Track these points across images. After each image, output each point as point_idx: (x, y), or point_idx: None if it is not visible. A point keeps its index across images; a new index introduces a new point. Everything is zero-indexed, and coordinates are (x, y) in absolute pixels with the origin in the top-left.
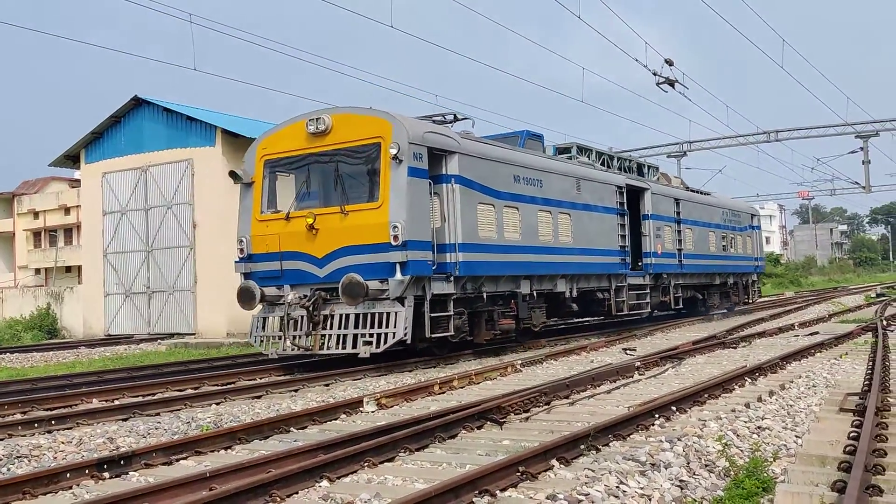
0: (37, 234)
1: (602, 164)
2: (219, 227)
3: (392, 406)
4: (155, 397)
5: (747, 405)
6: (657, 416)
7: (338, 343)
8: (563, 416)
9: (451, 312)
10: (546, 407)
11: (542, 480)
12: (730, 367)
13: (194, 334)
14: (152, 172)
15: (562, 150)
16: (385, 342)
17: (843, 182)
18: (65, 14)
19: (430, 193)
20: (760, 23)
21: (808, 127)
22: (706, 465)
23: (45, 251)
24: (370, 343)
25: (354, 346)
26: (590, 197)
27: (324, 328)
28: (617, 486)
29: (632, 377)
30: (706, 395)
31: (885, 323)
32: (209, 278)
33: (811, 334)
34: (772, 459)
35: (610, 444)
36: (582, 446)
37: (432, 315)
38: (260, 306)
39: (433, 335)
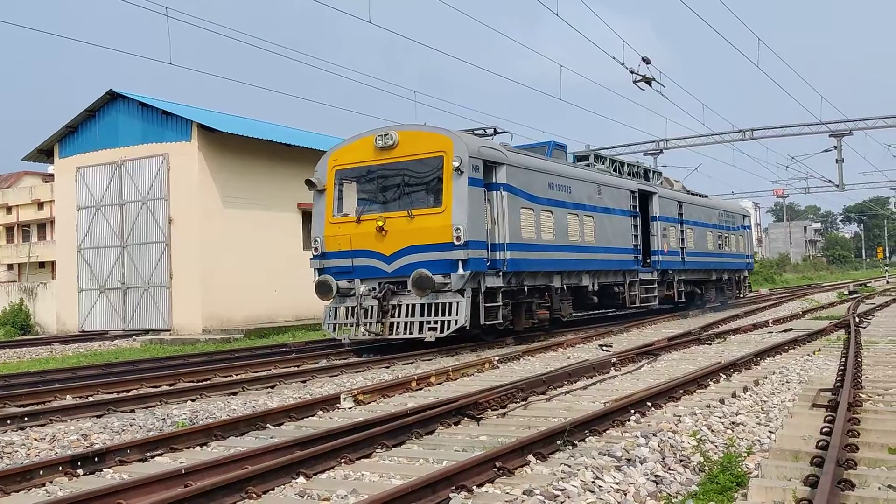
0: (9, 229)
1: (615, 170)
2: (195, 223)
3: (369, 403)
4: (130, 394)
5: (722, 401)
6: (633, 411)
7: (405, 329)
8: (540, 412)
9: (500, 303)
10: (523, 403)
11: (519, 476)
12: (704, 364)
13: (170, 331)
14: (127, 167)
15: (580, 158)
16: (448, 328)
17: (816, 180)
18: (39, 7)
19: (484, 199)
20: (737, 22)
21: (783, 126)
22: (681, 461)
23: (17, 246)
24: (434, 329)
25: (420, 332)
26: (609, 201)
27: (392, 316)
28: (593, 482)
29: (608, 373)
30: (681, 391)
31: (857, 320)
32: (185, 274)
33: (785, 331)
34: (746, 454)
35: (586, 439)
36: (558, 442)
37: (486, 305)
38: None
39: (486, 323)
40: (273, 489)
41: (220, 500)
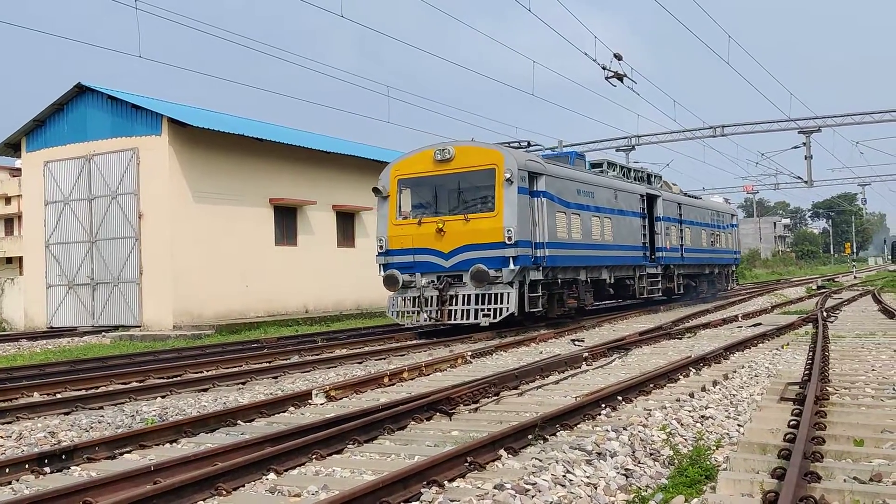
0: None
1: (625, 175)
2: (165, 218)
3: (341, 398)
4: (98, 390)
5: (691, 395)
6: (604, 405)
7: (462, 316)
8: (512, 407)
9: (540, 294)
10: (495, 398)
11: (490, 470)
12: (675, 358)
13: (140, 327)
14: (96, 161)
15: (594, 165)
16: (500, 315)
17: (786, 177)
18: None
19: (528, 205)
20: (707, 19)
21: (753, 122)
22: (651, 454)
23: None
24: (488, 315)
25: (475, 318)
26: (623, 204)
27: (450, 305)
28: (563, 475)
29: (580, 367)
30: (651, 385)
31: (825, 314)
32: (155, 270)
33: (754, 325)
34: (715, 448)
35: (557, 433)
36: (530, 436)
37: (529, 295)
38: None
39: (529, 310)
40: (243, 486)
41: (190, 498)
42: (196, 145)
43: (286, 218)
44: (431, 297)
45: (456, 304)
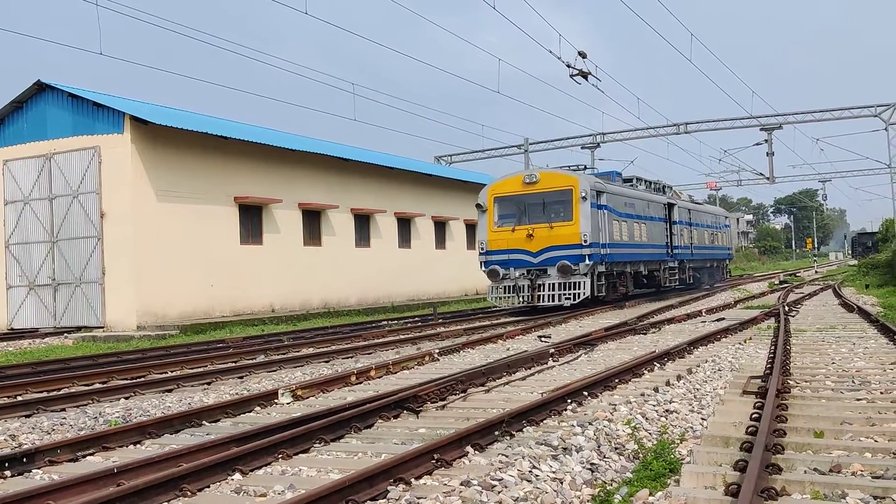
0: None
1: (648, 188)
2: (128, 217)
3: (308, 397)
4: (61, 392)
5: (656, 389)
6: (570, 401)
7: (549, 300)
8: (479, 404)
9: (604, 283)
10: (462, 395)
11: (457, 467)
12: (640, 353)
13: (103, 327)
14: (57, 160)
15: (626, 180)
16: (579, 298)
17: (748, 173)
18: None
19: (596, 216)
20: (670, 17)
21: (716, 119)
22: (616, 448)
23: None
24: (570, 298)
25: (560, 301)
26: (653, 212)
27: (539, 291)
28: (530, 471)
29: (546, 364)
30: (617, 380)
31: (786, 308)
32: (118, 270)
33: (717, 320)
34: (679, 441)
35: (524, 429)
36: (496, 433)
37: (597, 283)
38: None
39: (596, 295)
40: (208, 486)
41: (154, 499)
42: (159, 143)
43: (251, 216)
44: (524, 285)
45: (543, 291)
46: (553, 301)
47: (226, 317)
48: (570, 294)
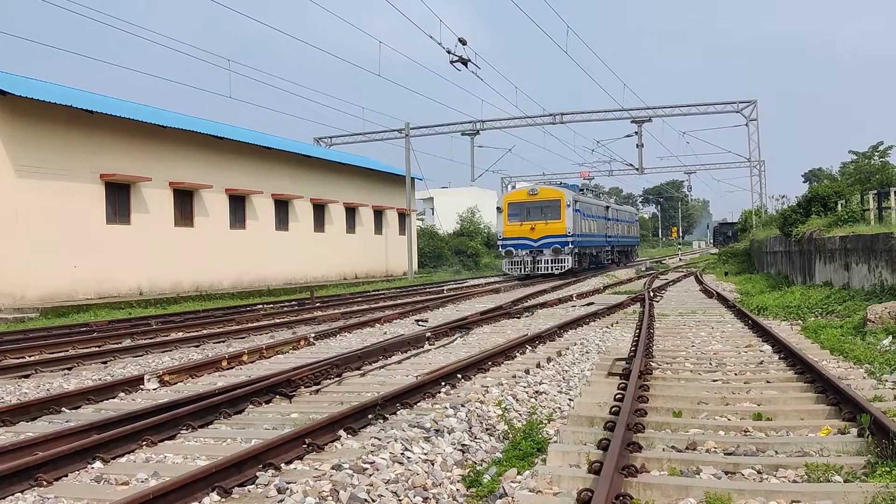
0: None
1: (595, 195)
2: None
3: (176, 383)
4: None
5: (527, 371)
6: (443, 383)
7: (544, 269)
8: (354, 388)
9: (577, 260)
10: (337, 379)
11: (329, 451)
12: (513, 336)
13: None
14: None
15: (580, 190)
16: (564, 268)
17: (619, 164)
18: None
19: (574, 216)
20: (548, 9)
21: (590, 111)
22: (487, 430)
23: None
24: (558, 269)
25: (550, 270)
26: (600, 213)
27: (537, 264)
28: (402, 453)
29: (422, 347)
30: (490, 363)
31: (651, 294)
32: None
33: (587, 304)
34: (547, 421)
35: (397, 412)
36: (370, 416)
37: (573, 260)
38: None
39: (572, 267)
40: (66, 475)
41: (6, 490)
42: (17, 116)
43: (119, 195)
44: (527, 261)
45: (540, 264)
46: (547, 270)
47: (90, 299)
48: (559, 266)
